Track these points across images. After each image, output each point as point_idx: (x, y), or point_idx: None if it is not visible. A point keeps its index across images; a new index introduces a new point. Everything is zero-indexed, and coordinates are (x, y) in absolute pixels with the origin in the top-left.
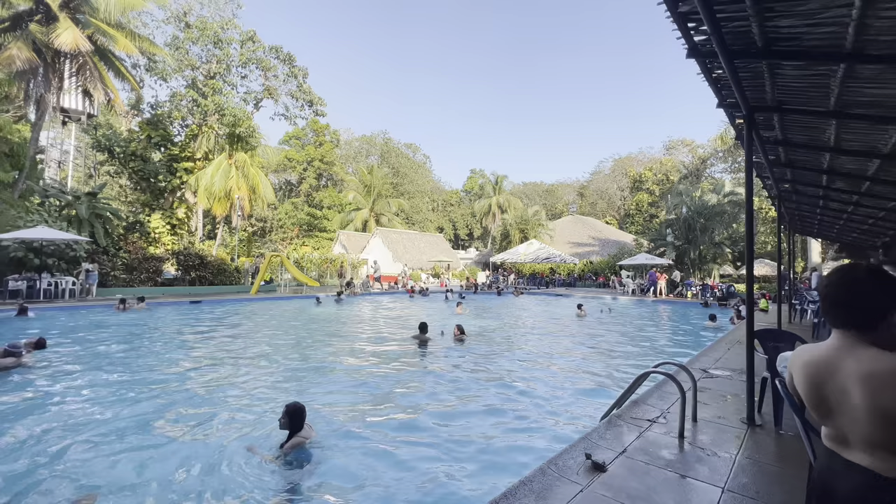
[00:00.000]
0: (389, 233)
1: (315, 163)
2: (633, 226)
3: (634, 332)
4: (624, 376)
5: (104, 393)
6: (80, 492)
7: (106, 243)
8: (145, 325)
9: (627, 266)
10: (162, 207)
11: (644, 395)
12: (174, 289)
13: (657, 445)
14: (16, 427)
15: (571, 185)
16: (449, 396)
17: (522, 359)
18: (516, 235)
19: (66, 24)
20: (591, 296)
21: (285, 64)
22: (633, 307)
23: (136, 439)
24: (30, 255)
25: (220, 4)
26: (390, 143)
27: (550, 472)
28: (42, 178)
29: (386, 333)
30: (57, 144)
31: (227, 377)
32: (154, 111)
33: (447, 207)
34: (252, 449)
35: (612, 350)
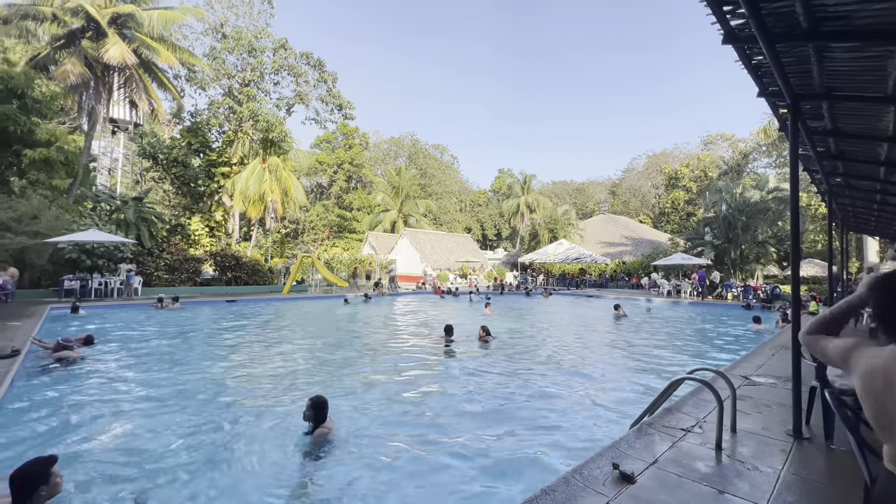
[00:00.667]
0: (417, 233)
1: (345, 165)
2: (669, 224)
3: (669, 336)
4: (657, 382)
5: (146, 383)
6: (127, 472)
7: (150, 245)
8: (183, 323)
9: (661, 266)
10: (201, 211)
11: (678, 403)
12: (212, 288)
13: (692, 457)
14: (71, 413)
15: (603, 183)
16: (471, 399)
17: (549, 361)
18: (545, 235)
19: (115, 40)
20: (623, 297)
21: (315, 69)
22: (668, 309)
23: (175, 425)
24: (83, 256)
25: (253, 14)
26: (418, 144)
27: (575, 481)
28: (94, 184)
29: (411, 334)
30: (107, 153)
31: (256, 371)
32: (194, 119)
33: (475, 208)
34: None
35: (644, 354)
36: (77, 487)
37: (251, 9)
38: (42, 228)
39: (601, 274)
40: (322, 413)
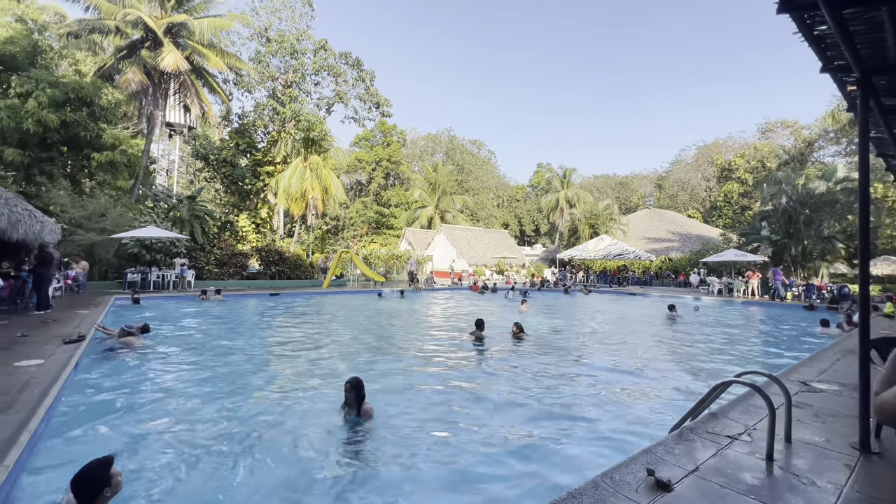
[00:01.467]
0: (453, 229)
1: (383, 163)
2: (721, 219)
3: (717, 337)
4: (701, 386)
5: (197, 366)
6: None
7: (203, 241)
8: (227, 314)
9: (711, 264)
10: (248, 208)
11: (724, 408)
12: (257, 282)
13: (738, 466)
14: (127, 392)
15: (648, 176)
16: (499, 394)
17: (584, 360)
18: (585, 231)
19: (170, 48)
20: (669, 295)
21: (354, 69)
22: (719, 309)
23: (223, 407)
24: (143, 251)
25: (295, 18)
26: (455, 140)
27: (605, 486)
28: (153, 184)
29: (443, 328)
30: (165, 155)
31: (297, 358)
32: (241, 121)
33: (512, 203)
34: None
35: (688, 355)
36: (136, 462)
37: (293, 12)
38: (108, 225)
39: (645, 271)
40: (362, 392)
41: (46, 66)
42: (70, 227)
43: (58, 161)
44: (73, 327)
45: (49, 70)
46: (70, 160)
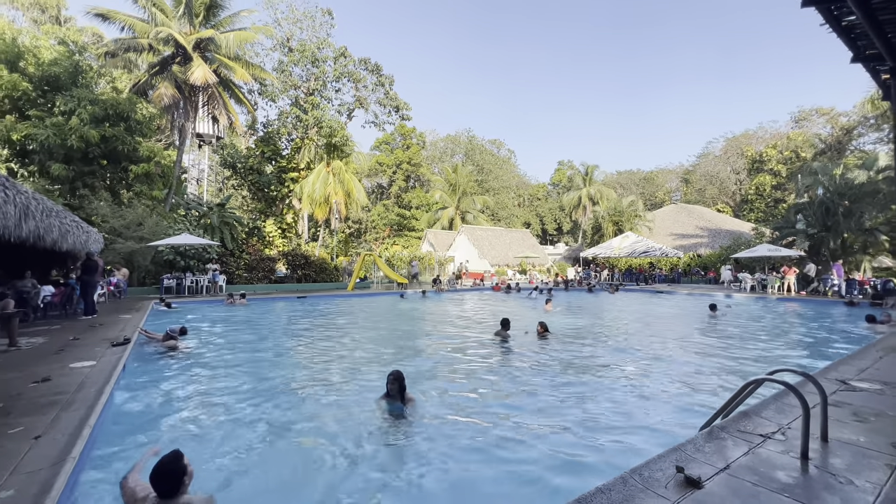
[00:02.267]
0: (475, 230)
1: (403, 165)
2: (753, 213)
3: (750, 334)
4: (733, 385)
5: (233, 365)
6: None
7: (232, 247)
8: (258, 316)
9: (744, 259)
10: (274, 214)
11: (757, 407)
12: (284, 286)
13: (771, 465)
14: (170, 389)
15: (674, 170)
16: (526, 393)
17: (612, 359)
18: (609, 228)
19: (198, 63)
20: (698, 292)
21: (373, 74)
22: (752, 306)
23: (263, 399)
24: (177, 257)
25: (316, 27)
26: (474, 140)
27: (633, 482)
28: (185, 193)
29: (467, 327)
30: (195, 164)
31: (328, 356)
32: (266, 129)
33: (534, 202)
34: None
35: (719, 353)
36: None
37: (313, 22)
38: (146, 233)
39: (673, 268)
40: (404, 383)
41: (87, 85)
42: (111, 237)
43: (98, 174)
44: (119, 331)
45: (89, 88)
46: (109, 173)
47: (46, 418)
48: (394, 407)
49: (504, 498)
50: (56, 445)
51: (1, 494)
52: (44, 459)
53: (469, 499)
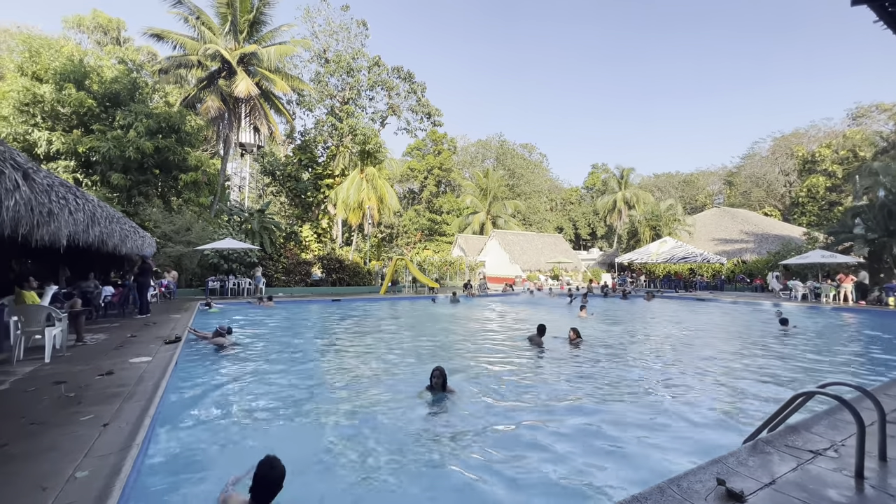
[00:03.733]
0: (506, 234)
1: (434, 171)
2: (804, 217)
3: (804, 346)
4: (780, 397)
5: (276, 362)
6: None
7: (271, 251)
8: (294, 317)
9: (794, 266)
10: (310, 219)
11: (807, 422)
12: (320, 289)
13: (821, 483)
14: (219, 382)
15: (716, 172)
16: (556, 400)
17: (647, 367)
18: (646, 233)
19: (242, 76)
20: (743, 300)
21: (406, 81)
22: (805, 317)
23: (310, 391)
24: (221, 261)
25: (351, 38)
26: (506, 144)
27: (671, 492)
28: (228, 200)
29: (498, 332)
30: (237, 172)
31: (365, 355)
32: (303, 138)
33: (566, 206)
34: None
35: (767, 365)
36: (235, 444)
37: (349, 33)
38: (193, 238)
39: (715, 275)
40: (446, 377)
41: (143, 100)
42: (162, 241)
43: (152, 182)
44: (170, 329)
45: (145, 103)
46: (161, 181)
47: (112, 408)
48: (437, 397)
49: (536, 493)
50: (122, 433)
51: (78, 474)
52: (112, 445)
53: (501, 486)
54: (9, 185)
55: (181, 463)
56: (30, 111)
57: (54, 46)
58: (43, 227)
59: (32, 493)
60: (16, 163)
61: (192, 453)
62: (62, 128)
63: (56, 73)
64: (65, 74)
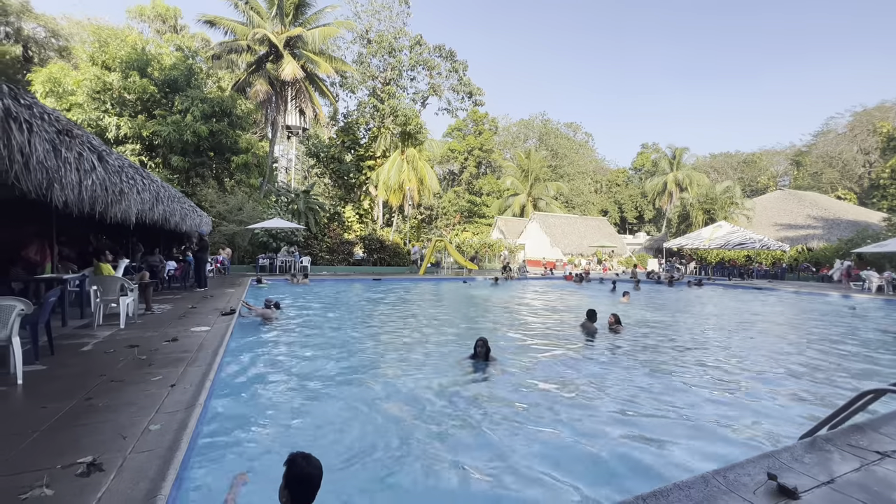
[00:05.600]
0: (547, 217)
1: (475, 152)
2: (885, 200)
3: (878, 342)
4: (843, 396)
5: (322, 335)
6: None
7: (316, 231)
8: (337, 294)
9: (869, 255)
10: (352, 200)
11: (874, 421)
12: (361, 268)
13: (888, 485)
14: (268, 352)
15: (782, 152)
16: (594, 385)
17: (693, 357)
18: (699, 217)
19: (288, 60)
20: (805, 290)
21: (447, 60)
22: (881, 310)
23: (359, 362)
24: (270, 239)
25: (392, 17)
26: (549, 124)
27: (715, 483)
28: (276, 181)
29: (536, 314)
30: (284, 154)
31: (405, 330)
32: (346, 120)
33: (612, 188)
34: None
35: (831, 360)
36: (286, 408)
37: (391, 12)
38: (244, 217)
39: (775, 262)
40: (489, 346)
41: (198, 86)
42: (217, 220)
43: (207, 164)
44: (226, 302)
45: (200, 88)
46: (215, 163)
47: (177, 371)
48: (479, 364)
49: (573, 470)
50: (186, 393)
51: (152, 427)
52: (179, 403)
53: (538, 455)
54: (87, 167)
55: (236, 421)
56: (100, 98)
57: (120, 36)
58: (115, 205)
59: (115, 441)
60: (92, 146)
61: (246, 413)
62: (128, 113)
63: (122, 62)
64: (130, 63)
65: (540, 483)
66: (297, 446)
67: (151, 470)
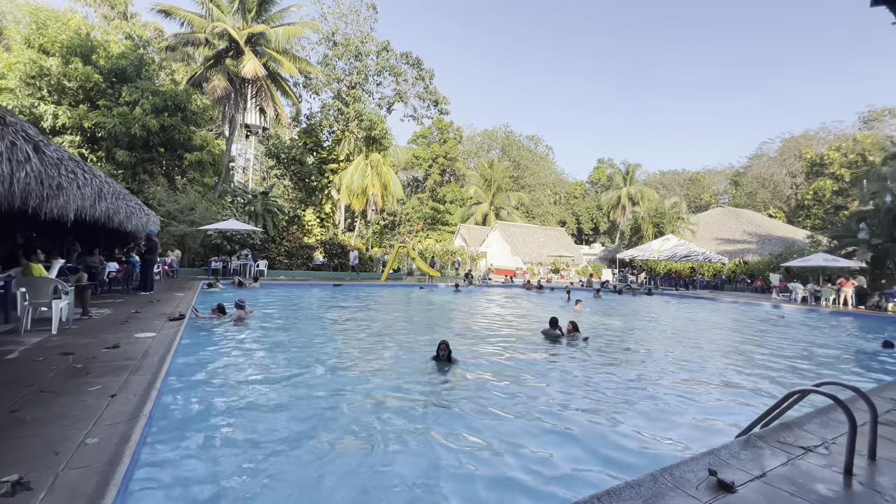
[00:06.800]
0: (508, 226)
1: (439, 159)
2: (809, 220)
3: (801, 347)
4: (773, 395)
5: (279, 341)
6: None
7: (274, 234)
8: (296, 299)
9: (796, 269)
10: (313, 203)
11: (800, 419)
12: (321, 273)
13: (811, 478)
14: (219, 357)
15: (722, 172)
16: (557, 391)
17: (642, 362)
18: (649, 230)
19: (250, 56)
20: (743, 300)
21: (414, 68)
22: (804, 319)
23: (316, 363)
24: (224, 242)
25: (360, 21)
26: (512, 135)
27: (663, 480)
28: (232, 181)
29: (497, 321)
30: (242, 154)
31: (364, 335)
32: (309, 121)
33: (570, 200)
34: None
35: (763, 364)
36: (238, 414)
37: (358, 16)
38: (197, 218)
39: (716, 274)
40: (450, 349)
41: (149, 77)
42: (166, 220)
43: (157, 161)
44: (174, 307)
45: (151, 80)
46: (166, 160)
47: (119, 380)
48: (442, 365)
49: (530, 467)
50: (129, 404)
51: (89, 440)
52: (121, 414)
53: (496, 452)
54: (20, 158)
55: (185, 433)
56: (36, 84)
57: (61, 19)
58: (52, 200)
59: (45, 457)
60: (27, 135)
61: (196, 423)
62: (68, 102)
63: (63, 47)
64: (71, 48)
65: (496, 479)
66: (252, 458)
67: (88, 487)
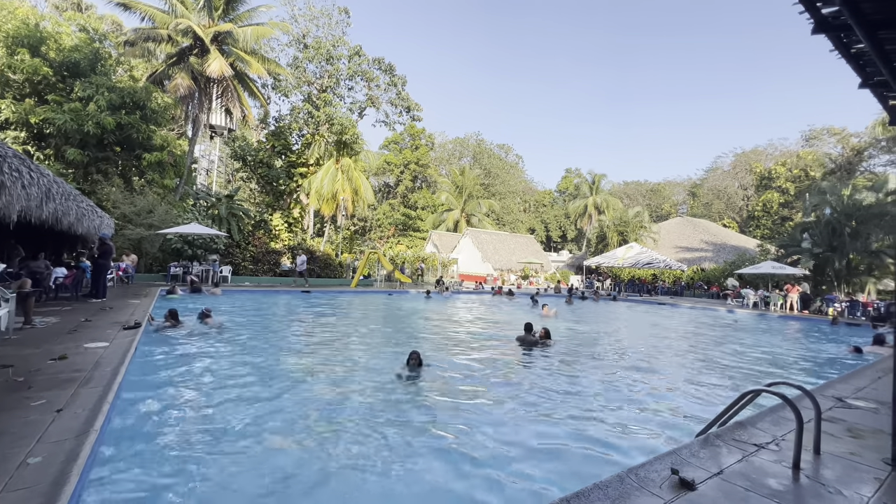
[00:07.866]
0: (479, 233)
1: (411, 166)
2: (759, 230)
3: (752, 350)
4: (729, 395)
5: (239, 348)
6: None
7: (239, 238)
8: (261, 306)
9: (748, 275)
10: (281, 208)
11: (752, 418)
12: (288, 279)
13: (763, 473)
14: (178, 365)
15: (681, 183)
16: (528, 396)
17: (608, 366)
18: (614, 238)
19: (215, 55)
20: (700, 306)
21: (386, 74)
22: (754, 323)
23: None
24: (185, 246)
25: (331, 25)
26: (483, 144)
27: (629, 481)
28: (195, 183)
29: (467, 327)
30: (205, 155)
31: (332, 343)
32: (277, 124)
33: (539, 208)
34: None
35: (718, 366)
36: (203, 423)
37: (330, 20)
38: (155, 221)
39: (676, 281)
40: (421, 358)
41: (105, 73)
42: (121, 223)
43: (112, 160)
44: (129, 315)
45: (107, 76)
46: (123, 160)
47: (66, 393)
48: (413, 371)
49: (500, 469)
50: (78, 419)
51: (30, 460)
52: (68, 431)
53: (466, 456)
54: None
55: (140, 450)
56: None
57: (7, 7)
58: None
59: None
60: None
61: (152, 441)
62: (13, 95)
63: (8, 37)
64: (18, 38)
65: (468, 482)
66: (210, 476)
67: None
